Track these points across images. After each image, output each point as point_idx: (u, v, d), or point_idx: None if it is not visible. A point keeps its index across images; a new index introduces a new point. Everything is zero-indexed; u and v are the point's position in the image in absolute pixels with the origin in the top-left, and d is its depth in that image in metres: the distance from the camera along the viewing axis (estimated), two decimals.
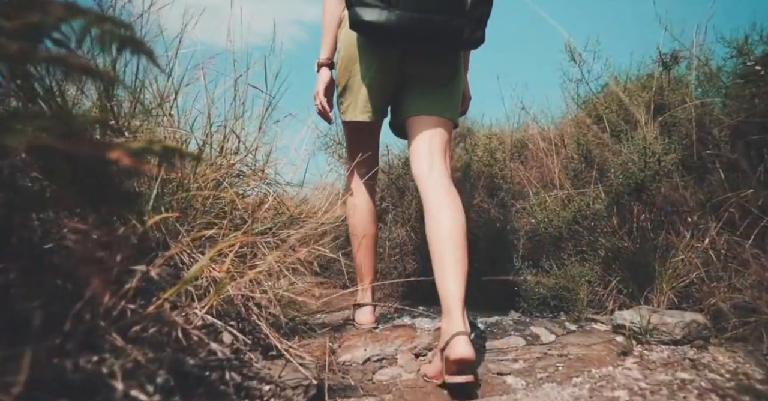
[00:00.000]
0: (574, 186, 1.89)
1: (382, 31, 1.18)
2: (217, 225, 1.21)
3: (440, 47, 1.28)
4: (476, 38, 1.23)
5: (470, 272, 1.18)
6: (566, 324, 1.57)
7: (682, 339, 1.32)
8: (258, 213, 1.22)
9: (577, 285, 1.59)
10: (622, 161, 1.48)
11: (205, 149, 1.25)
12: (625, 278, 1.66)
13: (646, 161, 1.40)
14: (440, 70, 1.36)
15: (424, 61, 1.34)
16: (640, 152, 1.40)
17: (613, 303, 1.68)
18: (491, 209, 2.23)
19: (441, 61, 1.35)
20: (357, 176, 1.59)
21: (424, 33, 1.18)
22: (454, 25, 1.18)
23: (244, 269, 1.13)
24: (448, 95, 1.38)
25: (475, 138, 2.68)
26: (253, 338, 1.18)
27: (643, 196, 1.50)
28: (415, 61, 1.33)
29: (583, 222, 1.73)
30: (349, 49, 1.37)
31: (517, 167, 2.30)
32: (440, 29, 1.18)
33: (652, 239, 1.62)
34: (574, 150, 1.96)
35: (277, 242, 1.26)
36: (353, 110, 1.41)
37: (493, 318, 1.69)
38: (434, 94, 1.35)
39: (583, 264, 1.63)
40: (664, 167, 1.39)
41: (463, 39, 1.21)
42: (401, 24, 1.16)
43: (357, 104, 1.39)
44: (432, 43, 1.23)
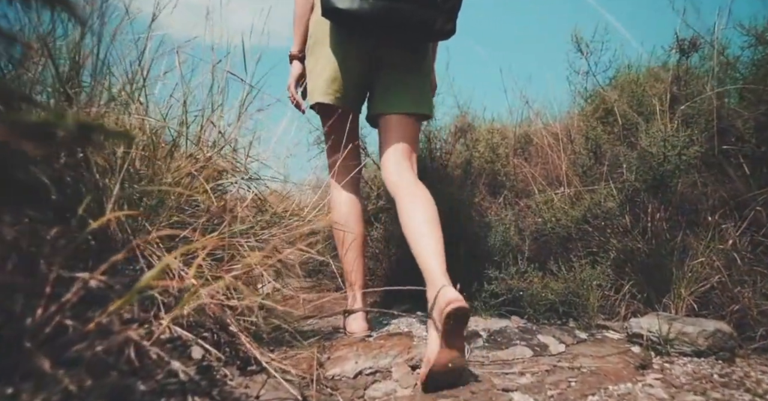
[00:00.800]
0: (583, 183, 1.77)
1: (354, 18, 1.18)
2: (191, 225, 1.09)
3: (411, 37, 1.29)
4: (448, 29, 1.25)
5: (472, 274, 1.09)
6: (576, 332, 1.45)
7: (706, 350, 1.20)
8: (238, 211, 1.10)
9: (587, 290, 1.47)
10: (638, 155, 1.36)
11: (180, 140, 1.13)
12: (639, 283, 1.54)
13: (665, 154, 1.27)
14: (411, 59, 1.37)
15: (394, 51, 1.34)
16: (659, 145, 1.28)
17: (625, 309, 1.56)
18: (493, 208, 2.10)
19: (412, 51, 1.36)
20: (338, 172, 1.47)
21: (396, 22, 1.19)
22: (425, 15, 1.20)
23: (220, 273, 1.01)
24: (419, 86, 1.40)
25: (476, 133, 2.56)
26: (231, 351, 1.05)
27: (660, 193, 1.38)
28: (385, 51, 1.33)
29: (593, 222, 1.60)
30: (318, 34, 1.37)
31: (520, 163, 2.18)
32: (412, 19, 1.19)
33: (669, 241, 1.49)
34: (582, 145, 1.84)
35: (259, 244, 1.14)
36: (317, 93, 1.37)
37: (496, 325, 1.57)
38: (405, 86, 1.36)
39: (594, 267, 1.51)
40: (685, 161, 1.27)
41: (435, 30, 1.23)
42: (374, 12, 1.17)
43: (320, 87, 1.37)
44: (403, 32, 1.24)
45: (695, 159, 1.28)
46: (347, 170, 1.47)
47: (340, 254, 1.48)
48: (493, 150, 2.22)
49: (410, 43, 1.35)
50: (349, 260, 1.45)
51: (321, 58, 1.35)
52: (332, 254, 1.75)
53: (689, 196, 1.48)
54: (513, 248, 1.73)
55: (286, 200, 1.29)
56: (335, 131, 1.45)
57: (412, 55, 1.37)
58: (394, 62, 1.35)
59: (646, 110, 1.59)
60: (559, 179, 2.02)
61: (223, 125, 1.10)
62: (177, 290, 0.92)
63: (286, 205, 1.27)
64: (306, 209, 1.28)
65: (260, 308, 1.16)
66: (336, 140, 1.46)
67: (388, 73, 1.36)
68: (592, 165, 1.80)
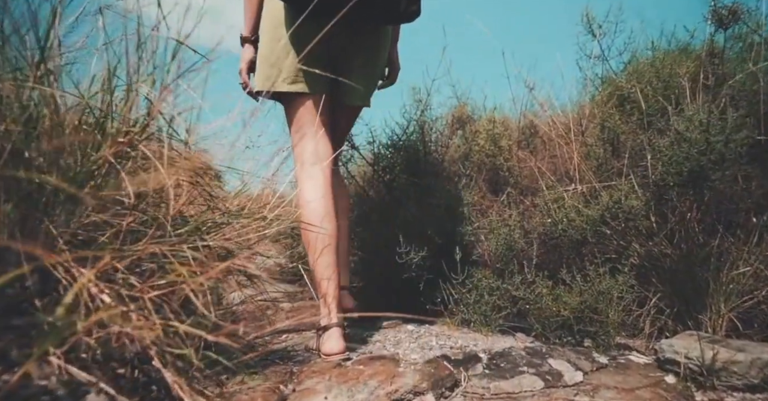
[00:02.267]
0: (598, 178, 1.54)
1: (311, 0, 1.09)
2: (114, 227, 0.85)
3: (375, 19, 1.26)
4: (412, 11, 1.21)
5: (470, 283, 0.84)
6: (594, 355, 1.21)
7: (760, 384, 0.96)
8: (173, 209, 0.86)
9: (606, 304, 1.24)
10: (670, 143, 1.12)
11: (106, 120, 0.89)
12: (667, 295, 1.30)
13: (709, 140, 1.04)
14: (372, 43, 1.34)
15: (355, 33, 1.29)
16: (700, 129, 1.04)
17: (650, 326, 1.33)
18: (495, 207, 1.87)
19: (373, 34, 1.33)
20: (308, 164, 1.28)
21: (358, 3, 1.10)
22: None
23: (142, 291, 0.78)
24: (373, 79, 1.41)
25: (476, 125, 2.33)
26: (158, 391, 0.82)
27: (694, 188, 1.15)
28: (345, 33, 1.26)
29: (612, 223, 1.37)
30: (274, 16, 1.28)
31: (525, 156, 1.94)
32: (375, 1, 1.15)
33: (703, 245, 1.26)
34: (597, 135, 1.61)
35: (203, 249, 0.90)
36: (282, 81, 1.27)
37: (498, 344, 1.34)
38: (361, 77, 1.34)
39: (614, 276, 1.27)
40: (733, 149, 1.03)
41: (400, 11, 1.19)
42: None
43: (282, 74, 1.27)
44: (367, 13, 1.17)
45: (744, 147, 1.05)
46: (319, 162, 1.27)
47: (310, 259, 1.24)
48: (495, 142, 1.99)
49: (372, 26, 1.31)
50: (321, 267, 1.21)
51: (279, 43, 1.26)
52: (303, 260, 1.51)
53: (728, 193, 1.24)
54: (518, 253, 1.50)
55: (243, 195, 1.06)
56: (303, 118, 1.30)
57: (375, 40, 1.34)
58: (354, 49, 1.31)
59: (675, 93, 1.35)
60: (569, 174, 1.78)
61: (156, 97, 0.86)
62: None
63: (243, 201, 1.03)
64: (268, 206, 1.04)
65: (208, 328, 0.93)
66: (305, 127, 1.30)
67: (347, 61, 1.32)
68: (609, 158, 1.56)
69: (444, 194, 1.78)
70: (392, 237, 1.71)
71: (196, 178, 0.92)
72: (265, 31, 1.31)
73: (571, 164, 1.78)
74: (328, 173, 1.28)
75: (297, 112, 1.30)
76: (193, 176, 0.92)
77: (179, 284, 0.73)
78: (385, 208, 1.79)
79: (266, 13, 1.31)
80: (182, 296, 0.79)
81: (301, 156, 1.28)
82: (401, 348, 1.33)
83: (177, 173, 0.93)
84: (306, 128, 1.29)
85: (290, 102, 1.31)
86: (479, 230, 1.71)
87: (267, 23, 1.30)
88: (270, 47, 1.29)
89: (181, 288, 0.73)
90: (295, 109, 1.30)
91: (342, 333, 1.22)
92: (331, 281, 1.22)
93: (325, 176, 1.27)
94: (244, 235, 1.01)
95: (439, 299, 1.56)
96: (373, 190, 2.09)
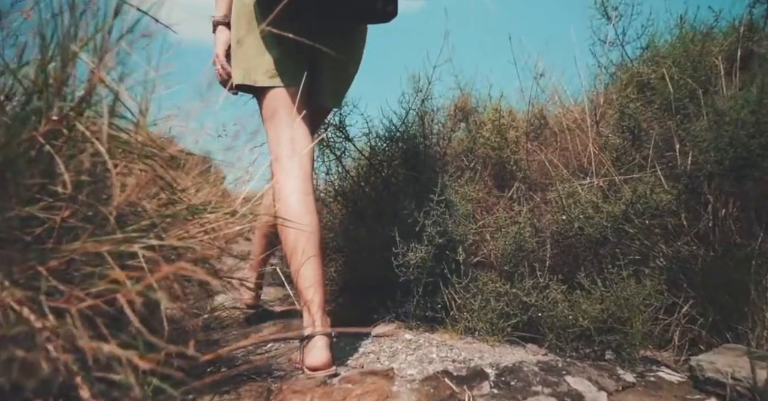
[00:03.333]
0: (618, 171, 1.38)
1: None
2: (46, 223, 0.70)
3: (350, 18, 1.25)
4: (389, 11, 1.20)
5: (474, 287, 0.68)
6: (618, 372, 1.05)
7: None
8: (116, 201, 0.71)
9: (632, 312, 1.08)
10: (708, 126, 0.96)
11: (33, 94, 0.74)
12: (700, 302, 1.15)
13: (759, 121, 0.88)
14: (347, 43, 1.31)
15: (331, 34, 1.25)
16: (750, 108, 0.88)
17: (680, 337, 1.17)
18: (501, 204, 1.71)
19: (348, 35, 1.31)
20: (285, 158, 1.18)
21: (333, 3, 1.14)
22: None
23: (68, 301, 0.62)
24: (347, 80, 1.38)
25: (481, 116, 2.17)
26: None
27: (741, 179, 0.99)
28: (321, 33, 1.20)
29: (636, 220, 1.21)
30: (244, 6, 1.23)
31: (535, 148, 1.79)
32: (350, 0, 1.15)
33: (743, 246, 1.10)
34: (615, 123, 1.45)
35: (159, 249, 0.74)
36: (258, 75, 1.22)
37: (507, 357, 1.18)
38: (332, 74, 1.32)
39: (640, 281, 1.12)
40: None
41: (377, 11, 1.18)
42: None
43: (260, 68, 1.22)
44: (341, 13, 1.19)
45: None
46: (296, 151, 1.18)
47: (290, 261, 1.09)
48: (501, 134, 1.83)
49: (348, 26, 1.30)
50: (304, 270, 1.06)
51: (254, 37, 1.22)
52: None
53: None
54: (528, 254, 1.34)
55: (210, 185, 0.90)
56: (280, 110, 1.23)
57: (349, 44, 1.32)
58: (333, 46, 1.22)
59: (706, 74, 1.19)
60: (583, 167, 1.62)
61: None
62: None
63: (208, 193, 0.88)
64: (239, 200, 0.89)
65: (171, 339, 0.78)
66: (280, 118, 1.23)
67: (320, 61, 1.28)
68: (629, 148, 1.41)
69: (445, 189, 1.62)
70: (388, 236, 1.56)
71: (151, 165, 0.76)
72: (241, 24, 1.25)
73: (585, 157, 1.62)
74: (308, 166, 1.18)
75: (272, 103, 1.23)
76: (146, 162, 0.77)
77: (112, 294, 0.57)
78: (381, 204, 1.63)
79: (237, 4, 1.26)
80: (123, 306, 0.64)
81: (277, 148, 1.19)
82: (397, 360, 1.17)
83: (126, 158, 0.78)
84: (282, 118, 1.21)
85: (265, 95, 1.24)
86: (484, 229, 1.55)
87: (241, 16, 1.24)
88: (247, 41, 1.23)
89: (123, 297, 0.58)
90: (270, 100, 1.23)
91: (328, 344, 1.06)
92: (316, 285, 1.07)
93: (304, 170, 1.17)
94: (211, 232, 0.86)
95: (440, 304, 1.41)
96: (369, 185, 1.94)
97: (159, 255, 0.68)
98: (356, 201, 1.88)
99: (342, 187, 1.96)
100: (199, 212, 0.85)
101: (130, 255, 0.69)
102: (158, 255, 0.68)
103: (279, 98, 1.23)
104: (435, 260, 1.43)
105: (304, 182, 1.15)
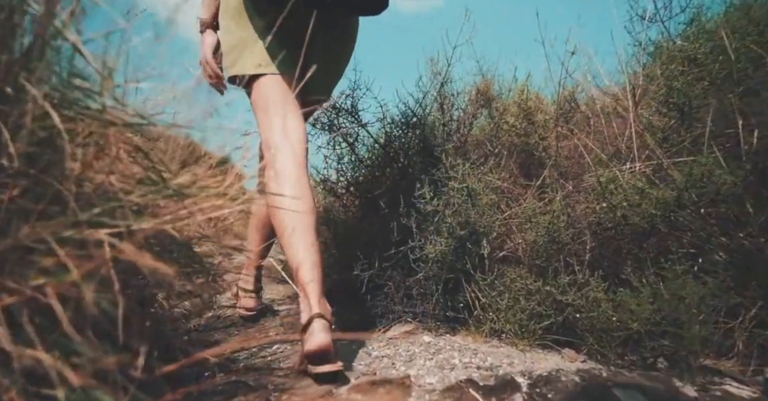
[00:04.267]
0: (666, 153, 1.22)
1: None
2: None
3: (343, 9, 1.22)
4: (381, 2, 1.18)
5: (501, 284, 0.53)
6: (676, 384, 0.90)
7: None
8: (74, 172, 0.59)
9: (690, 314, 0.92)
10: None
11: None
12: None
13: None
14: (338, 37, 1.30)
15: (326, 26, 1.23)
16: None
17: (745, 345, 1.00)
18: (529, 194, 1.56)
19: (339, 29, 1.29)
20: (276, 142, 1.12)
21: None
22: None
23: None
24: (336, 70, 1.36)
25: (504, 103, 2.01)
26: None
27: None
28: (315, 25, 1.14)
29: (691, 208, 1.05)
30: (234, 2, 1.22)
31: (565, 132, 1.62)
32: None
33: None
34: (662, 99, 1.29)
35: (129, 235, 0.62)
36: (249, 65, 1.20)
37: (540, 364, 1.03)
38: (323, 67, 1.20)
39: (698, 278, 0.96)
40: None
41: (368, 2, 1.18)
42: None
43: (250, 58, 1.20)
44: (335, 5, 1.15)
45: None
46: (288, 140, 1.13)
47: (283, 245, 1.01)
48: (528, 118, 1.67)
49: (340, 18, 1.27)
50: (297, 249, 0.98)
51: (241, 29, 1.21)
52: None
53: None
54: (563, 247, 1.19)
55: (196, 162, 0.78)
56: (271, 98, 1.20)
57: (340, 38, 1.30)
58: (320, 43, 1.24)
59: None
60: (620, 153, 1.46)
61: None
62: None
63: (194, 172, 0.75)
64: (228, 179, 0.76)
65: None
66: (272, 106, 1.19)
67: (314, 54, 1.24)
68: (678, 127, 1.24)
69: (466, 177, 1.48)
70: (405, 229, 1.42)
71: (114, 132, 0.64)
72: (229, 18, 1.24)
73: (624, 141, 1.46)
74: (300, 152, 1.12)
75: (264, 92, 1.19)
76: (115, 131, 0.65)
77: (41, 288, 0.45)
78: (397, 193, 1.49)
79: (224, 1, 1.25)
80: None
81: (269, 135, 1.14)
82: (414, 366, 1.03)
83: (89, 125, 0.66)
84: (273, 106, 1.17)
85: (257, 84, 1.21)
86: (511, 220, 1.40)
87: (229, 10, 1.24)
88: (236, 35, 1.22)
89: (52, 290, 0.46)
90: (261, 89, 1.20)
91: (327, 326, 0.93)
92: (309, 265, 0.97)
93: (297, 155, 1.11)
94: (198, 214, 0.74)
95: (461, 303, 1.26)
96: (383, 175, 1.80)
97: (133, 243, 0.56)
98: (369, 192, 1.75)
99: (354, 177, 1.83)
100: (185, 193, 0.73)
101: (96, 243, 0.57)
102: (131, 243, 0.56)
103: (270, 87, 1.20)
104: (456, 254, 1.29)
105: (297, 166, 1.09)
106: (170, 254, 0.83)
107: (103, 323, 0.54)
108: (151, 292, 0.79)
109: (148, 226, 0.64)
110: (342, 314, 1.42)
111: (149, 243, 0.76)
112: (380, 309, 1.33)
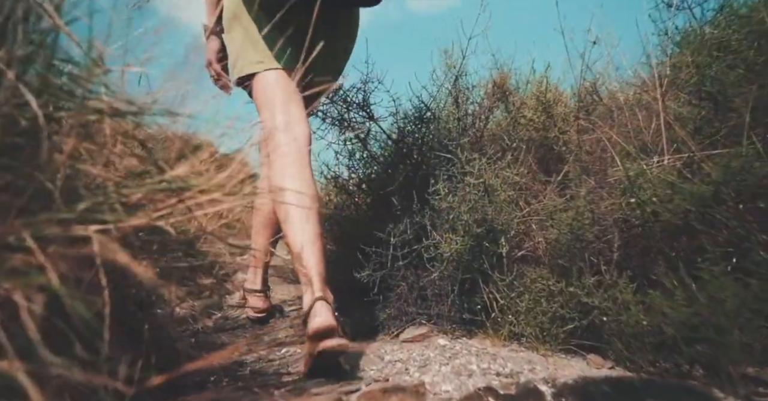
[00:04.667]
0: (699, 146, 1.14)
1: None
2: None
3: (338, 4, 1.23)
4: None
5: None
6: (716, 394, 0.82)
7: None
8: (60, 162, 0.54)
9: (730, 320, 0.84)
10: None
11: None
12: None
13: None
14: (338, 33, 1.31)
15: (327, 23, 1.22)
16: None
17: None
18: (548, 190, 1.48)
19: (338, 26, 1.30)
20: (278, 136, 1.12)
21: None
22: None
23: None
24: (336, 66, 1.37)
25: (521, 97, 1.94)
26: None
27: None
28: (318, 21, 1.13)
29: (729, 203, 0.97)
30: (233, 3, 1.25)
31: (586, 126, 1.55)
32: None
33: None
34: (693, 88, 1.21)
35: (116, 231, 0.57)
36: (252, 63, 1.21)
37: (565, 370, 0.96)
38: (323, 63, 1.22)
39: (737, 279, 0.88)
40: None
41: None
42: None
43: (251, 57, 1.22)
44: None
45: None
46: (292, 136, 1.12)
47: (287, 236, 1.00)
48: (547, 111, 1.60)
49: (337, 11, 1.27)
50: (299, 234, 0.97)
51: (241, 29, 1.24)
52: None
53: None
54: (587, 246, 1.11)
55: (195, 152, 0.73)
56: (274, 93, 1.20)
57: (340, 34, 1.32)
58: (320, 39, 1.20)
59: None
60: (646, 147, 1.38)
61: None
62: None
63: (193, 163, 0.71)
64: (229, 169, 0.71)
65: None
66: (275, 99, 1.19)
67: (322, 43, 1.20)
68: (712, 118, 1.16)
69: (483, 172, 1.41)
70: (418, 226, 1.36)
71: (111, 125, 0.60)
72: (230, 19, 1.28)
73: (650, 134, 1.38)
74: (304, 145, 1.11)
75: (265, 87, 1.20)
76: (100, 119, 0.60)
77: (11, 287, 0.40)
78: (409, 190, 1.43)
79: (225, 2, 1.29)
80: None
81: (272, 131, 1.13)
82: (429, 372, 0.97)
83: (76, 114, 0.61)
84: (275, 101, 1.18)
85: (259, 81, 1.22)
86: (530, 217, 1.33)
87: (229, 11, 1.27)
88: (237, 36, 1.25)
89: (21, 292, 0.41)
90: (263, 84, 1.20)
91: (330, 308, 0.91)
92: (312, 250, 0.97)
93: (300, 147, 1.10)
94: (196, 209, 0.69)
95: (479, 305, 1.20)
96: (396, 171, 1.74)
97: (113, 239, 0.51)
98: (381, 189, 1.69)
99: (366, 174, 1.78)
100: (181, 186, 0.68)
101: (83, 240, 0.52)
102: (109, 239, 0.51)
103: (272, 81, 1.21)
104: (472, 253, 1.23)
105: (299, 158, 1.08)
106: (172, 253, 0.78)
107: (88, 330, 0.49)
108: (149, 294, 0.75)
109: (141, 222, 0.59)
110: (353, 315, 1.37)
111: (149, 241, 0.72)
112: (393, 311, 1.27)
